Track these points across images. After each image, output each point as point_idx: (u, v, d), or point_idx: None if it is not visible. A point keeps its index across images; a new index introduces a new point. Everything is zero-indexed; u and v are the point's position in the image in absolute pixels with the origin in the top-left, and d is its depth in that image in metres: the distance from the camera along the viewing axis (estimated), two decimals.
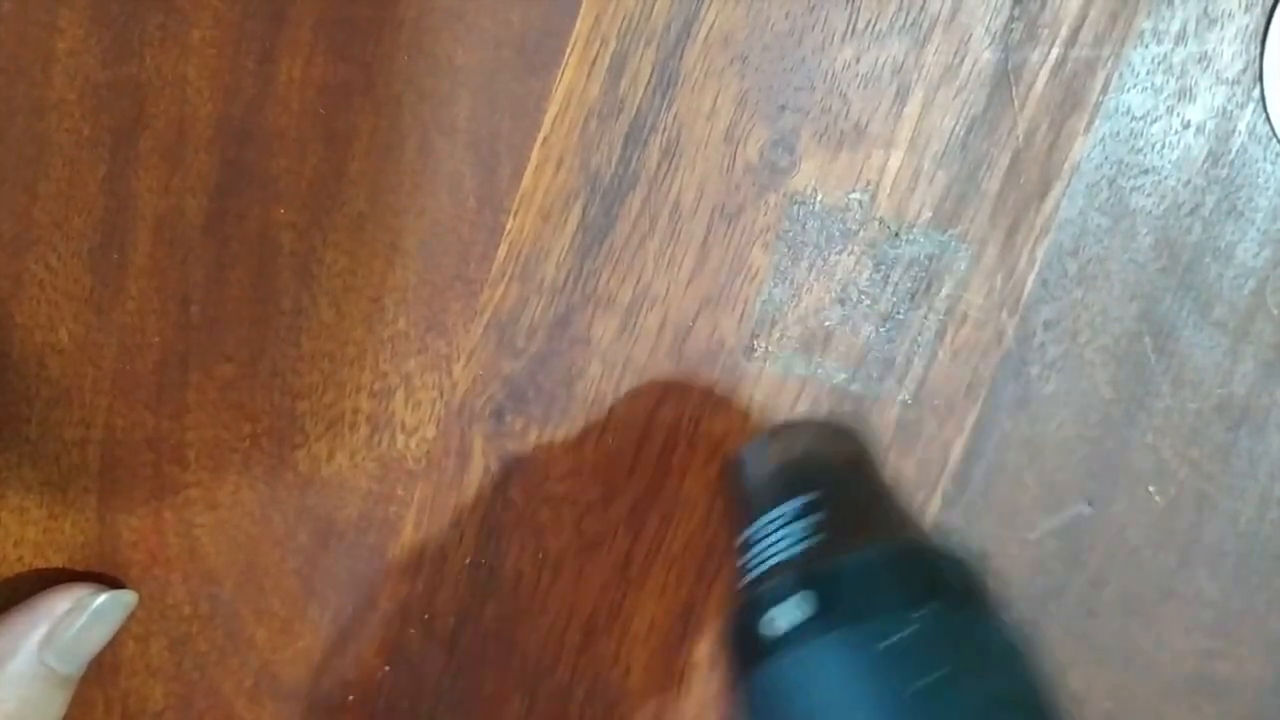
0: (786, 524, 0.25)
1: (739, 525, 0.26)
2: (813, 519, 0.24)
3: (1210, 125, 0.32)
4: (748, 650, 0.23)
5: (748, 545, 0.25)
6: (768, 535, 0.25)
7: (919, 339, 0.33)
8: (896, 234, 0.32)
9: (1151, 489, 0.34)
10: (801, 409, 0.33)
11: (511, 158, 0.31)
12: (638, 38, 0.31)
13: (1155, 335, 0.33)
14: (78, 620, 0.31)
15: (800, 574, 0.23)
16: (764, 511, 0.25)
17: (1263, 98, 0.32)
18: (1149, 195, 0.33)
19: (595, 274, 0.32)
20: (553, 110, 0.31)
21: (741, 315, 0.33)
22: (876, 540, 0.24)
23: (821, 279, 0.32)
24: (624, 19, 0.31)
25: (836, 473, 0.27)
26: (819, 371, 0.33)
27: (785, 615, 0.22)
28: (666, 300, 0.32)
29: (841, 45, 0.31)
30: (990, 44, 0.31)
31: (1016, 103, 0.32)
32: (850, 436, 0.29)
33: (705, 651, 0.35)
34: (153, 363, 0.32)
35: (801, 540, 0.24)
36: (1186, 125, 0.32)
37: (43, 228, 0.31)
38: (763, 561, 0.24)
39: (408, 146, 0.31)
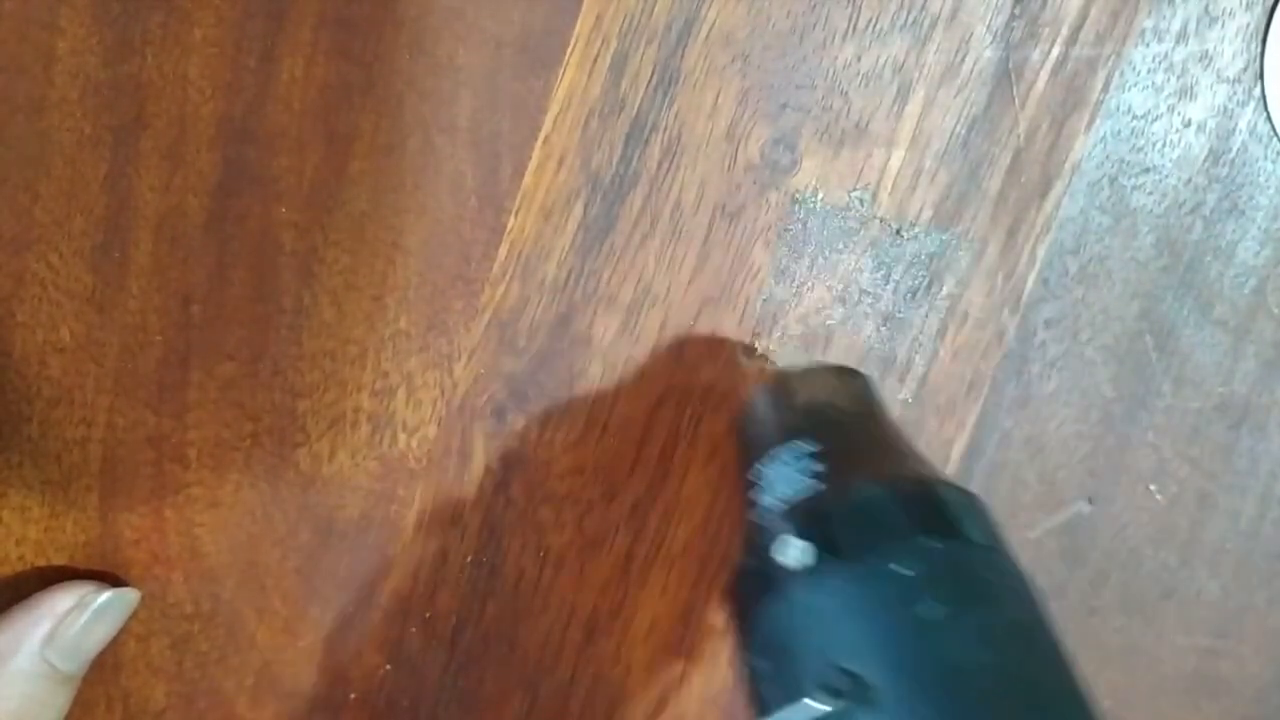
0: (795, 461, 0.25)
1: (748, 463, 0.26)
2: (822, 457, 0.25)
3: (1211, 124, 0.32)
4: (758, 585, 0.23)
5: (756, 484, 0.25)
6: (777, 474, 0.25)
7: (920, 338, 0.33)
8: (898, 232, 0.32)
9: (1152, 488, 0.34)
10: None
11: (513, 157, 0.31)
12: (639, 37, 0.31)
13: (1156, 334, 0.33)
14: (80, 618, 0.31)
15: (809, 511, 0.23)
16: (773, 450, 0.26)
17: (1263, 96, 0.32)
18: (1150, 194, 0.33)
19: (596, 273, 0.32)
20: (554, 109, 0.31)
21: (743, 314, 0.33)
22: (885, 477, 0.24)
23: (822, 278, 0.32)
24: (625, 18, 0.31)
25: (846, 414, 0.27)
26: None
27: (796, 550, 0.22)
28: (668, 299, 0.32)
29: (843, 44, 0.31)
30: (991, 43, 0.31)
31: (1017, 101, 0.32)
32: (859, 381, 0.29)
33: (706, 650, 0.35)
34: (154, 361, 0.32)
35: (811, 477, 0.24)
36: (1187, 124, 0.32)
37: (44, 227, 0.31)
38: (771, 499, 0.24)
39: (409, 146, 0.31)
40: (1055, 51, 0.32)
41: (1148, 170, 0.32)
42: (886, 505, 0.23)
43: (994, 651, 0.20)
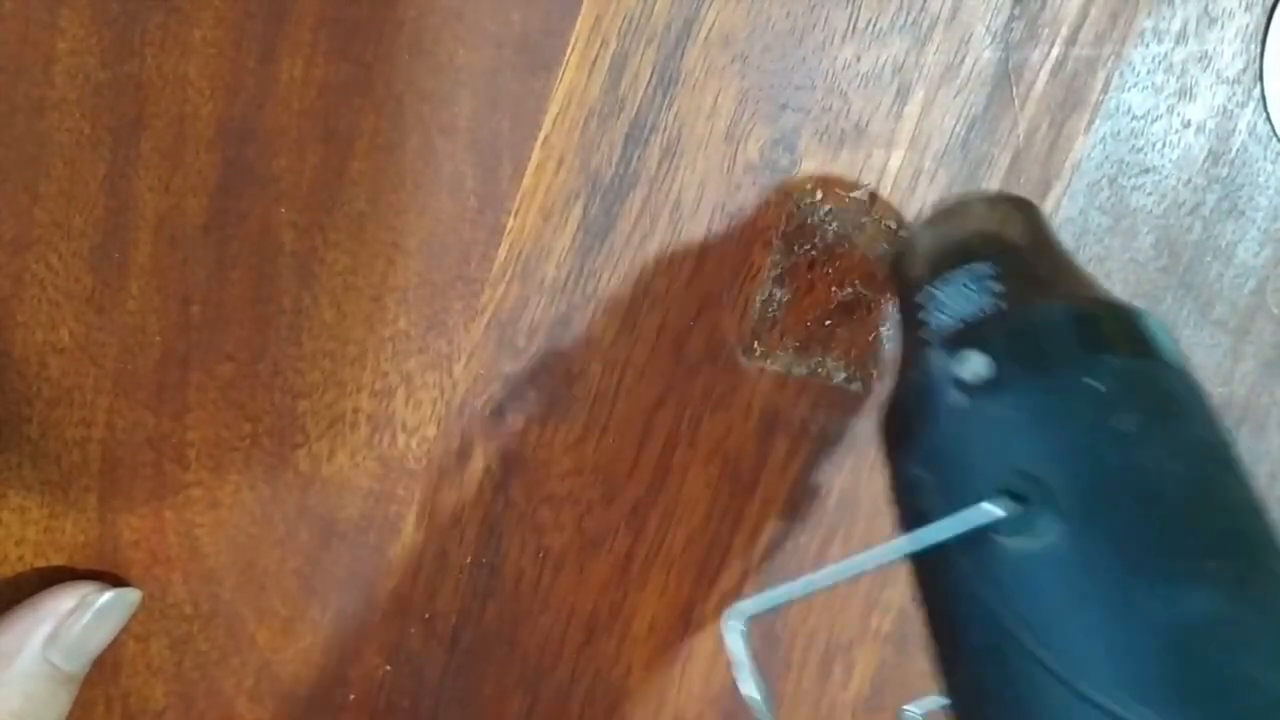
0: (964, 287, 0.24)
1: (908, 296, 0.26)
2: (1000, 279, 0.24)
3: (1211, 124, 0.32)
4: (926, 404, 0.22)
5: (923, 309, 0.25)
6: (953, 294, 0.24)
7: None
8: (898, 233, 0.32)
9: None
10: (802, 409, 0.33)
11: (512, 157, 0.31)
12: (638, 37, 0.31)
13: None
14: (82, 618, 0.31)
15: (993, 328, 0.22)
16: (939, 278, 0.25)
17: (1263, 97, 0.32)
18: (1149, 194, 0.33)
19: (596, 273, 0.32)
20: (553, 110, 0.31)
21: (742, 315, 0.33)
22: (1057, 298, 0.23)
23: (822, 278, 0.32)
24: (624, 19, 0.31)
25: (1012, 241, 0.26)
26: (819, 371, 0.33)
27: (973, 368, 0.21)
28: (667, 299, 0.32)
29: (842, 44, 0.31)
30: (991, 43, 0.31)
31: (1017, 102, 0.32)
32: (1029, 210, 0.28)
33: (706, 650, 0.35)
34: (154, 362, 0.32)
35: (983, 301, 0.23)
36: (1187, 124, 0.32)
37: (43, 227, 0.31)
38: (942, 323, 0.24)
39: (409, 146, 0.31)
40: (1055, 52, 0.32)
41: (1147, 171, 0.32)
42: (1073, 322, 0.22)
43: (1185, 464, 0.20)
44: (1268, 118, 0.32)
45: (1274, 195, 0.33)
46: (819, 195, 0.32)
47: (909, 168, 0.32)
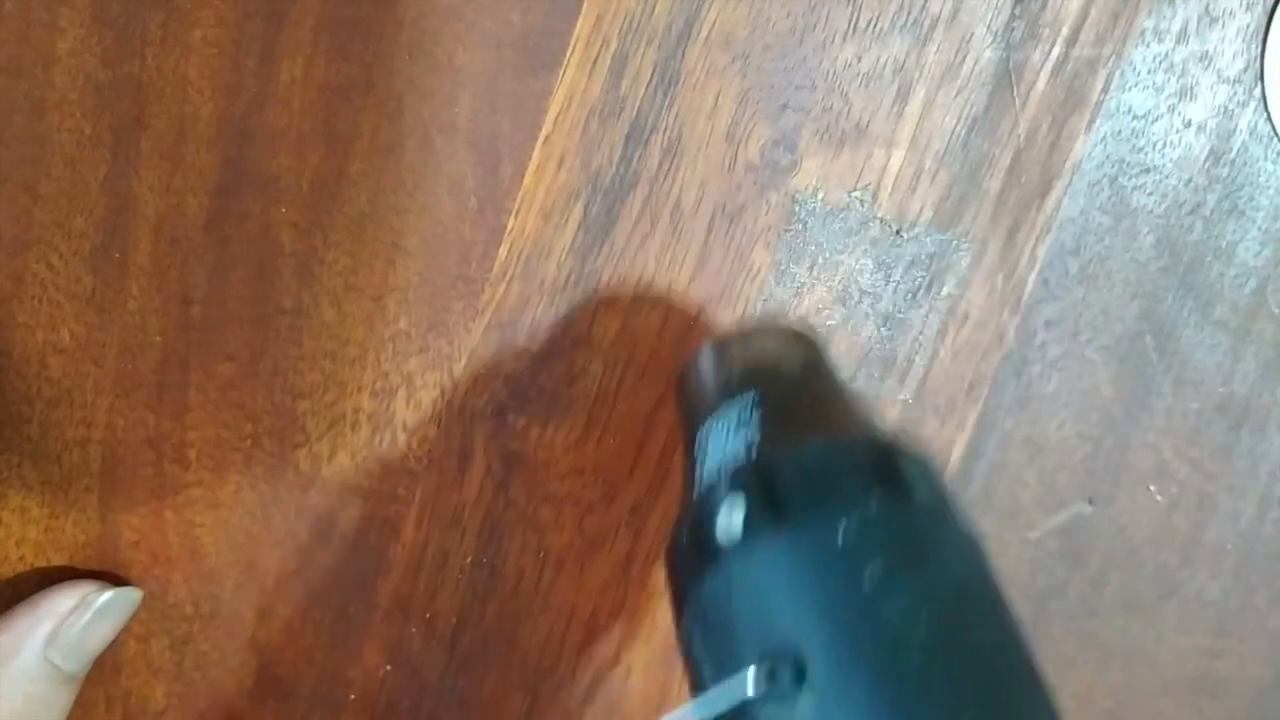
0: (734, 426, 0.23)
1: (687, 435, 0.25)
2: (756, 419, 0.23)
3: (1211, 124, 0.32)
4: (697, 560, 0.22)
5: (696, 452, 0.24)
6: (715, 437, 0.24)
7: (920, 338, 0.33)
8: (898, 233, 0.32)
9: (1152, 488, 0.34)
10: None
11: (513, 157, 0.31)
12: (639, 37, 0.31)
13: (1156, 334, 0.33)
14: (83, 617, 0.31)
15: (746, 477, 0.22)
16: (708, 415, 0.24)
17: (1264, 96, 0.32)
18: (1150, 194, 0.33)
19: (596, 273, 0.32)
20: (554, 110, 0.31)
21: (743, 314, 0.33)
22: (821, 435, 0.23)
23: (823, 278, 0.32)
24: (625, 18, 0.31)
25: (785, 373, 0.26)
26: None
27: (727, 519, 0.21)
28: (668, 299, 0.32)
29: (843, 44, 0.31)
30: (992, 43, 0.31)
31: (1018, 102, 0.32)
32: (802, 340, 0.27)
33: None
34: (154, 362, 0.32)
35: (746, 443, 0.23)
36: (1188, 124, 0.32)
37: (44, 227, 0.31)
38: (709, 468, 0.23)
39: (409, 146, 0.31)
40: (1055, 52, 0.32)
41: (1148, 171, 0.32)
42: (821, 465, 0.21)
43: (932, 614, 0.19)
44: (1268, 117, 0.32)
45: (1275, 195, 0.33)
46: (820, 195, 0.32)
47: (910, 168, 0.32)
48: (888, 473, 0.22)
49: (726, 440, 0.23)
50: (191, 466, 0.33)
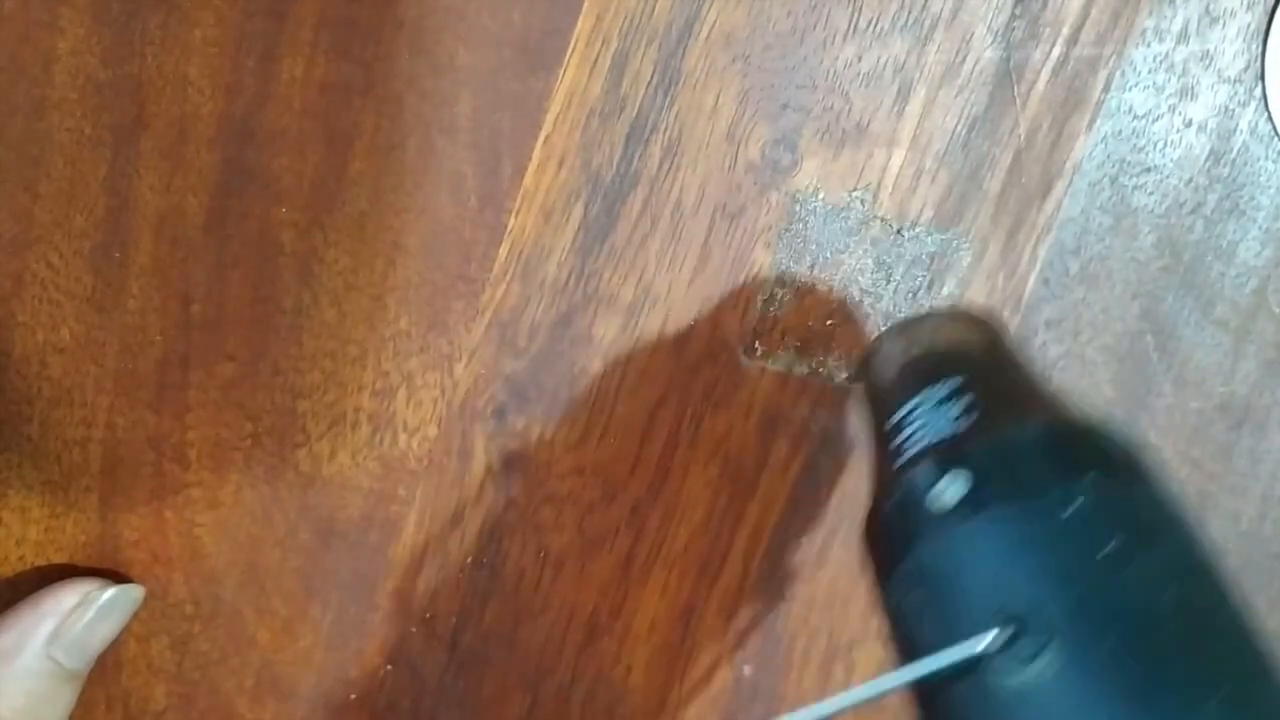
0: (937, 405, 0.24)
1: (881, 414, 0.26)
2: (965, 400, 0.24)
3: (1212, 124, 0.32)
4: (912, 529, 0.22)
5: (899, 428, 0.25)
6: (920, 417, 0.24)
7: None
8: (899, 232, 0.32)
9: None
10: (803, 409, 0.33)
11: (513, 157, 0.31)
12: (639, 37, 0.31)
13: (1157, 334, 0.33)
14: (85, 615, 0.31)
15: (966, 450, 0.22)
16: (911, 397, 0.25)
17: (1264, 96, 0.32)
18: (1151, 194, 0.33)
19: (597, 273, 0.32)
20: (554, 109, 0.31)
21: (743, 314, 0.32)
22: (1033, 417, 0.23)
23: (823, 278, 0.32)
24: (626, 18, 0.31)
25: (978, 357, 0.26)
26: (821, 370, 0.33)
27: (954, 490, 0.21)
28: (668, 299, 0.32)
29: (843, 44, 0.31)
30: (992, 43, 0.31)
31: (1018, 101, 0.32)
32: (986, 323, 0.28)
33: (707, 650, 0.35)
34: (154, 362, 0.32)
35: (957, 419, 0.23)
36: (1188, 124, 0.32)
37: (44, 227, 0.31)
38: (918, 443, 0.24)
39: (409, 146, 0.31)
40: (1056, 51, 0.32)
41: (1149, 170, 0.32)
42: (1047, 443, 0.22)
43: (1176, 587, 0.19)
44: (1269, 117, 0.32)
45: (1275, 194, 0.33)
46: (820, 195, 0.32)
47: (910, 167, 0.32)
48: (1105, 452, 0.22)
49: (938, 415, 0.24)
50: (191, 466, 0.33)
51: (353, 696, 0.34)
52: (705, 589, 0.34)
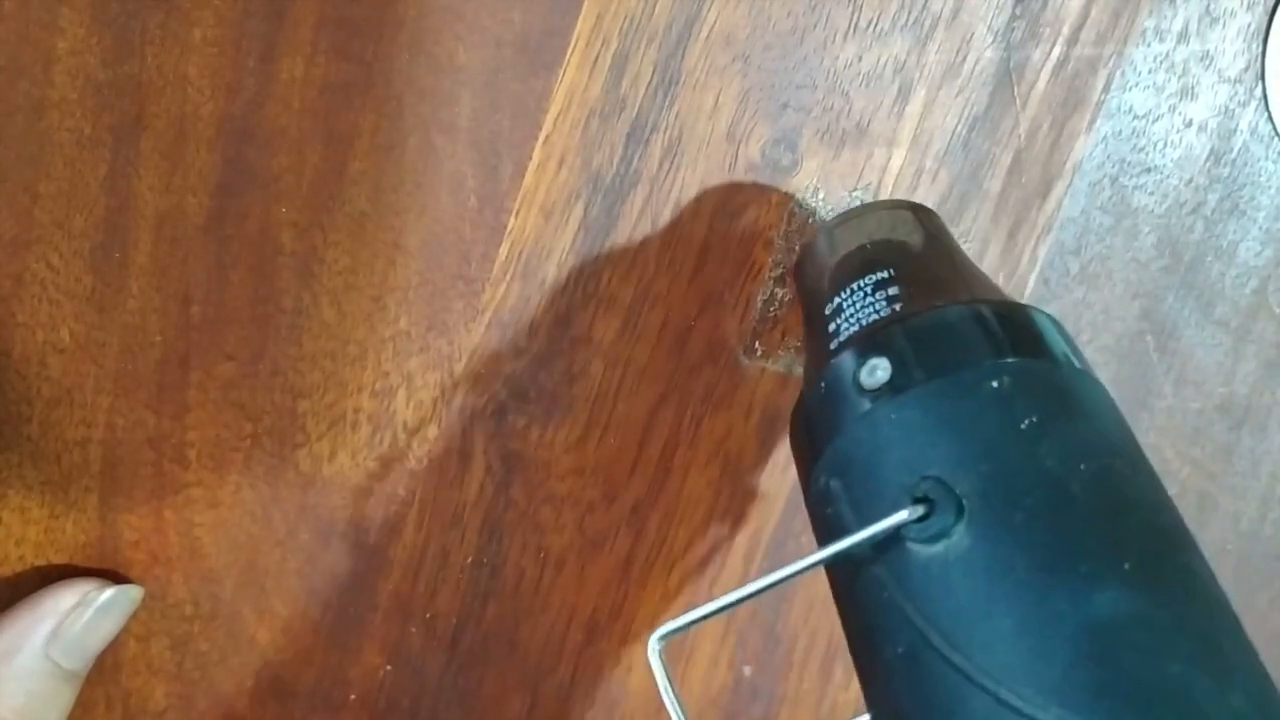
0: (866, 295, 0.24)
1: (818, 302, 0.26)
2: (899, 285, 0.24)
3: (1212, 124, 0.32)
4: (835, 416, 0.22)
5: (833, 315, 0.25)
6: (854, 303, 0.24)
7: None
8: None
9: None
10: None
11: (513, 157, 0.31)
12: (639, 37, 0.31)
13: (1157, 334, 0.33)
14: (84, 616, 0.31)
15: (894, 333, 0.22)
16: (847, 283, 0.25)
17: (1265, 96, 0.32)
18: (1151, 194, 0.33)
19: (597, 273, 0.32)
20: (554, 109, 0.31)
21: (743, 314, 0.32)
22: (968, 299, 0.23)
23: None
24: (626, 18, 0.31)
25: (915, 248, 0.27)
26: None
27: (876, 374, 0.21)
28: (668, 299, 0.32)
29: (843, 44, 0.31)
30: (992, 43, 0.31)
31: (1018, 101, 0.32)
32: (924, 212, 0.28)
33: (707, 650, 0.35)
34: (154, 362, 0.32)
35: (884, 307, 0.24)
36: (1189, 124, 0.32)
37: (44, 227, 0.31)
38: (845, 332, 0.24)
39: (409, 146, 0.31)
40: (1056, 51, 0.32)
41: (1149, 170, 0.32)
42: (972, 324, 0.22)
43: (1090, 462, 0.19)
44: (1269, 117, 0.32)
45: (1276, 195, 0.33)
46: (820, 195, 0.32)
47: (910, 167, 0.32)
48: (1030, 332, 0.22)
49: (866, 304, 0.24)
50: (191, 466, 0.33)
51: (352, 696, 0.34)
52: (705, 589, 0.34)
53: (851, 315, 0.24)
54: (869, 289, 0.24)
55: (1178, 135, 0.32)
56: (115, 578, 0.33)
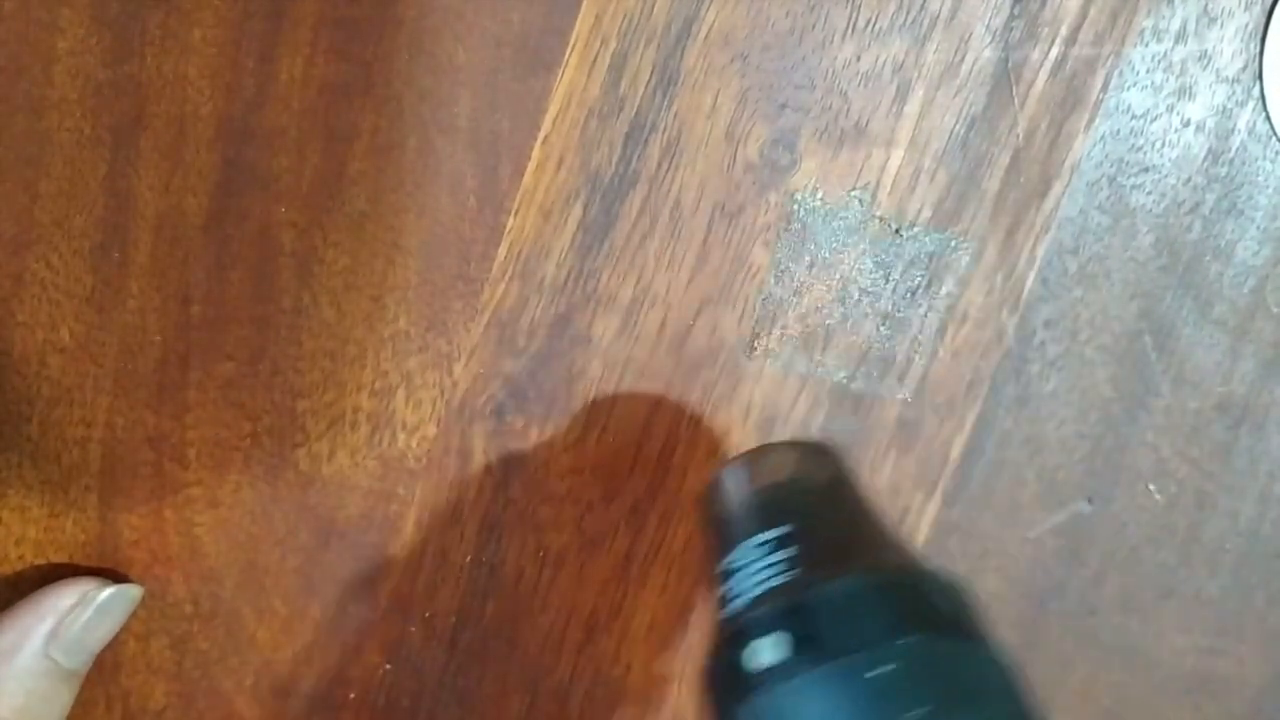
0: (766, 554, 0.24)
1: (717, 554, 0.26)
2: (792, 548, 0.24)
3: (1210, 123, 0.32)
4: (731, 686, 0.22)
5: (726, 575, 0.25)
6: (746, 566, 0.24)
7: (919, 337, 0.33)
8: (897, 232, 0.32)
9: (1151, 487, 0.34)
10: (802, 408, 0.33)
11: (512, 157, 0.31)
12: (638, 37, 0.31)
13: (1155, 334, 0.33)
14: (83, 615, 0.31)
15: (782, 607, 0.22)
16: (741, 540, 0.25)
17: (1262, 96, 0.32)
18: (1149, 194, 0.33)
19: (596, 273, 0.32)
20: (553, 109, 0.31)
21: (742, 314, 0.33)
22: (858, 569, 0.23)
23: (822, 277, 0.32)
24: (624, 18, 0.31)
25: (815, 498, 0.26)
26: (819, 370, 0.33)
27: (767, 650, 0.21)
28: (667, 299, 0.32)
29: (842, 44, 0.31)
30: (990, 42, 0.32)
31: (1017, 101, 0.32)
32: (829, 457, 0.28)
33: (706, 650, 0.35)
34: (154, 361, 0.32)
35: (782, 571, 0.23)
36: (1186, 123, 0.32)
37: (44, 227, 0.31)
38: (742, 594, 0.24)
39: (408, 146, 0.31)
40: (1054, 51, 0.32)
41: (1147, 170, 0.32)
42: (864, 598, 0.22)
43: None
44: (1267, 117, 0.32)
45: (1273, 194, 0.33)
46: (819, 195, 0.32)
47: (909, 167, 0.32)
48: (918, 606, 0.22)
49: (759, 568, 0.24)
50: (191, 466, 0.33)
51: (352, 695, 0.34)
52: (705, 588, 0.34)
53: (745, 577, 0.24)
54: (768, 547, 0.24)
55: (1175, 135, 0.32)
56: (115, 577, 0.33)
